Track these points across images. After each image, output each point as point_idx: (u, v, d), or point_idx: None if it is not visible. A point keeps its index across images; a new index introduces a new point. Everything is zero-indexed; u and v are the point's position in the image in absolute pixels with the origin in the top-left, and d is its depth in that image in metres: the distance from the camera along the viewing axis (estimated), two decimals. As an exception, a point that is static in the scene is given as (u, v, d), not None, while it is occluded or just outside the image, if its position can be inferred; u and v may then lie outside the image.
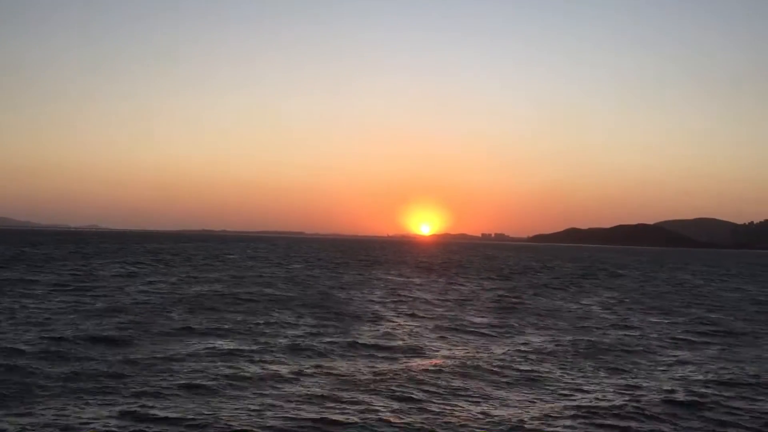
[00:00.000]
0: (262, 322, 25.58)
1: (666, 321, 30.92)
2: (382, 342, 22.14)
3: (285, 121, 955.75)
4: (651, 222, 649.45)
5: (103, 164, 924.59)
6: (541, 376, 17.73)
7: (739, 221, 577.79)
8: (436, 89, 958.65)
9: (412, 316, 29.61)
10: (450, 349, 21.39)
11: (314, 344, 21.00)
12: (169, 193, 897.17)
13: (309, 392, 15.13)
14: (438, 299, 37.65)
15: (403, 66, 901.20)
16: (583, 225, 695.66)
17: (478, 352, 20.83)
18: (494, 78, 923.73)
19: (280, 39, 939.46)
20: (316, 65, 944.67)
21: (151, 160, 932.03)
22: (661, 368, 19.51)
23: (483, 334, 24.94)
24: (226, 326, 24.15)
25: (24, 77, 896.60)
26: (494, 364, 19.07)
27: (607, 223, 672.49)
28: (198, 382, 15.68)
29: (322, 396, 14.81)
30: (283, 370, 17.24)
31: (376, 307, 32.46)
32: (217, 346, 20.21)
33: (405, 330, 25.16)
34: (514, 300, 38.20)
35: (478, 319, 29.14)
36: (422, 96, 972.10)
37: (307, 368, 17.52)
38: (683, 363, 20.31)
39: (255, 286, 41.21)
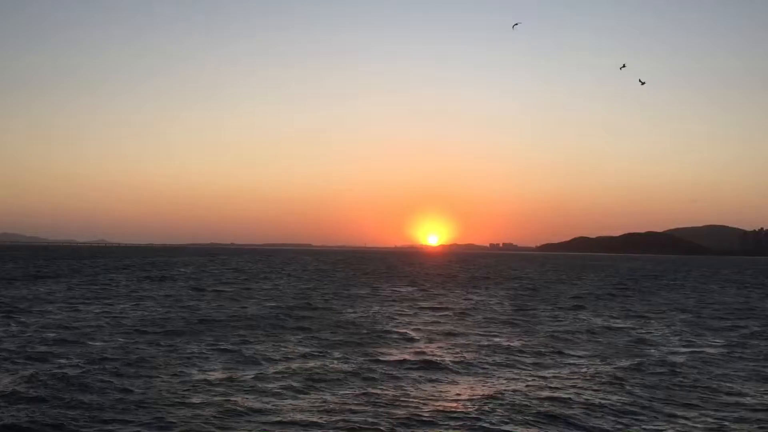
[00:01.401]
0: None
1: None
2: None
3: (293, 133, 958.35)
4: (660, 230, 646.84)
5: (110, 179, 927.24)
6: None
7: (749, 228, 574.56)
8: (443, 100, 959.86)
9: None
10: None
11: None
12: (177, 207, 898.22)
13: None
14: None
15: (410, 77, 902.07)
16: (592, 233, 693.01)
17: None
18: (501, 88, 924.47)
19: (288, 52, 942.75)
20: (325, 77, 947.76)
21: (159, 174, 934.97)
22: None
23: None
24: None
25: (31, 91, 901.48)
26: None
27: (616, 232, 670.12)
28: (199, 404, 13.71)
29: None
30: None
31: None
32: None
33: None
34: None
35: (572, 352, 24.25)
36: (429, 107, 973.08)
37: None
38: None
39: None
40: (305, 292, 49.24)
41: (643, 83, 45.31)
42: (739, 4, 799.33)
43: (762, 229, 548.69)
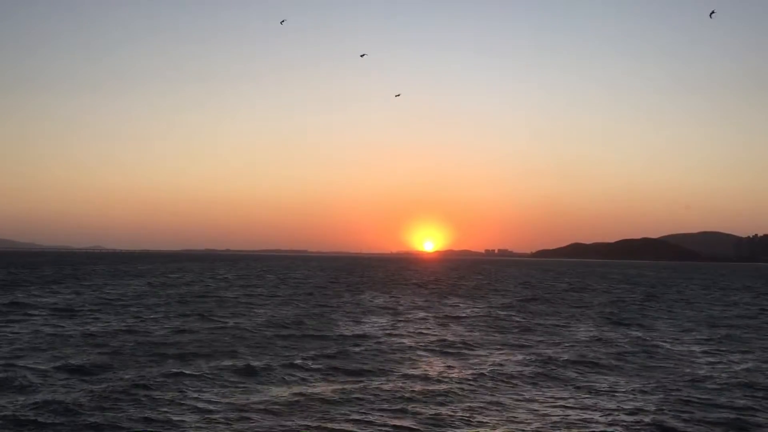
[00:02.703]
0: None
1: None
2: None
3: (288, 139, 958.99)
4: (655, 236, 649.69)
5: (106, 184, 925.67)
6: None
7: (743, 234, 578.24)
8: (439, 105, 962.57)
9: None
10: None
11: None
12: (173, 213, 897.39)
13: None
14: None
15: (406, 80, 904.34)
16: (587, 240, 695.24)
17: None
18: (497, 93, 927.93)
19: (280, 56, 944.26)
20: (318, 83, 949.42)
21: (155, 180, 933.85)
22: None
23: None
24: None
25: (25, 96, 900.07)
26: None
27: (611, 238, 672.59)
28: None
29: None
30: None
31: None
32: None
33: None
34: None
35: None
36: (425, 111, 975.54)
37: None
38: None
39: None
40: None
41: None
42: (735, 8, 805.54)
43: (756, 235, 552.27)
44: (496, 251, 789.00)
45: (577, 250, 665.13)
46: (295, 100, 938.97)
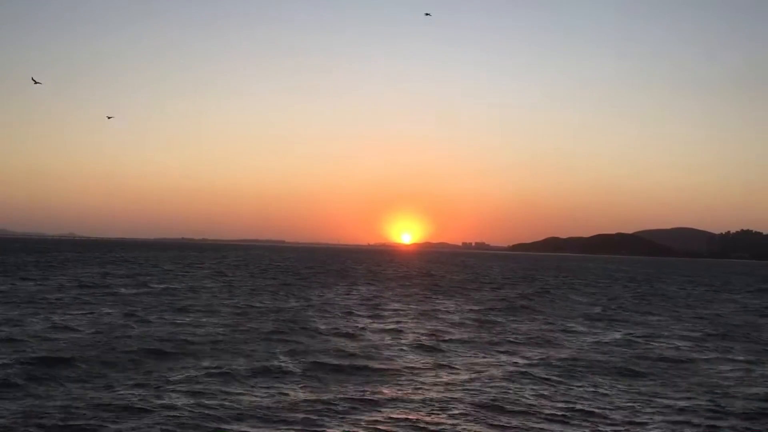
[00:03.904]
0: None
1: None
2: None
3: (265, 127, 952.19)
4: (630, 231, 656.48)
5: (80, 171, 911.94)
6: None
7: (716, 231, 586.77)
8: (417, 97, 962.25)
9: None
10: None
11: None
12: (147, 201, 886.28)
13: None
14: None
15: (383, 73, 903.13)
16: (563, 234, 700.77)
17: None
18: (473, 86, 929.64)
19: (259, 46, 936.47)
20: (296, 72, 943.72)
21: (130, 167, 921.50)
22: None
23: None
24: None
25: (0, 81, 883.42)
26: None
27: (587, 233, 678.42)
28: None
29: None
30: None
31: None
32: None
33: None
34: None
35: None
36: (403, 104, 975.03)
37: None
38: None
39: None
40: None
41: None
42: (711, 6, 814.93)
43: (729, 232, 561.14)
44: (473, 244, 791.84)
45: (553, 244, 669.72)
46: (276, 91, 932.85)
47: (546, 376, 20.97)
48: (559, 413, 16.62)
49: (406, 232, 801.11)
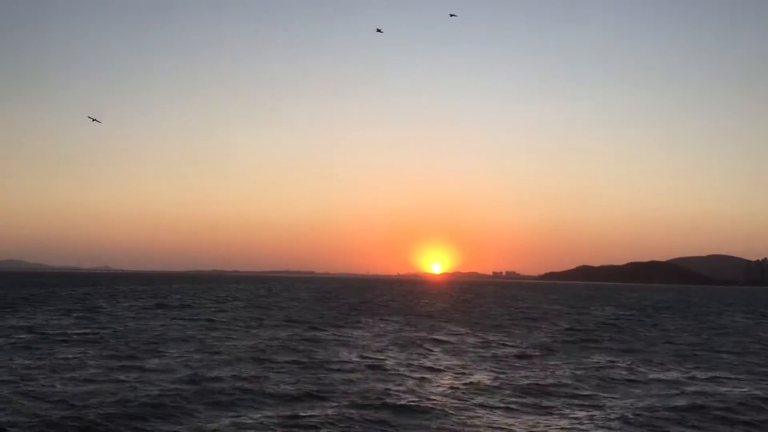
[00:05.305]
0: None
1: None
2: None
3: (295, 159, 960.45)
4: (663, 259, 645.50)
5: (114, 205, 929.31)
6: None
7: (752, 258, 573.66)
8: (447, 127, 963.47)
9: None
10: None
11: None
12: (180, 233, 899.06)
13: None
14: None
15: (412, 104, 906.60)
16: (595, 262, 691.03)
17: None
18: (505, 115, 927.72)
19: (290, 78, 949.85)
20: (325, 103, 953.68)
21: (163, 200, 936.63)
22: None
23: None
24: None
25: (34, 114, 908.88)
26: None
27: (620, 261, 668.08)
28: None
29: None
30: None
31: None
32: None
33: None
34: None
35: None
36: (433, 135, 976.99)
37: None
38: None
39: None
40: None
41: None
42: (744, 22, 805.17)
43: (766, 259, 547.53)
44: (503, 273, 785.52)
45: (585, 272, 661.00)
46: (304, 121, 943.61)
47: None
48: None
49: (435, 262, 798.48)
